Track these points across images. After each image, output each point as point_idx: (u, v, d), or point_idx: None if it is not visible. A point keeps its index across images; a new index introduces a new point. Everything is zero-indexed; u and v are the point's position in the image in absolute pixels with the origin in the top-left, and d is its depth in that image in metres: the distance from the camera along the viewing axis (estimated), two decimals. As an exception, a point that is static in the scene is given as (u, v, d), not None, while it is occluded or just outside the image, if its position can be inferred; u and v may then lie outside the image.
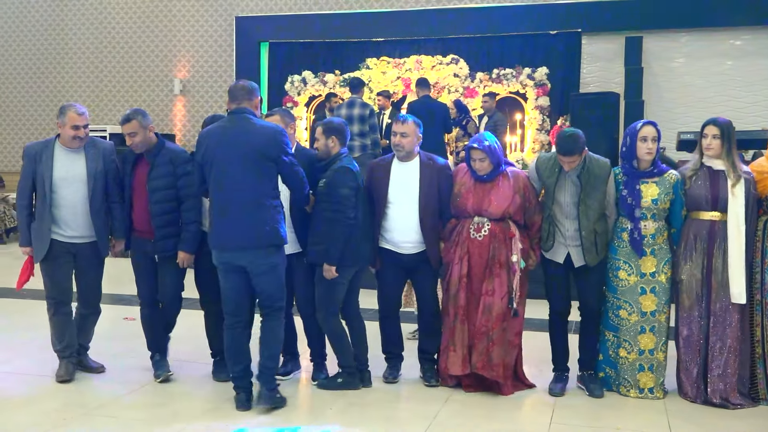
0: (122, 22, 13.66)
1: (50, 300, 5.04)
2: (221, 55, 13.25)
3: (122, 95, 13.72)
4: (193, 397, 4.80)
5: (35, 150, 4.94)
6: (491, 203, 4.74)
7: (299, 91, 12.22)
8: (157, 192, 4.85)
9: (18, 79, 14.21)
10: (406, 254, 4.92)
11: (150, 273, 5.00)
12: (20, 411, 4.49)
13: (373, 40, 12.15)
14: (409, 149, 4.90)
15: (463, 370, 4.78)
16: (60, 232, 4.92)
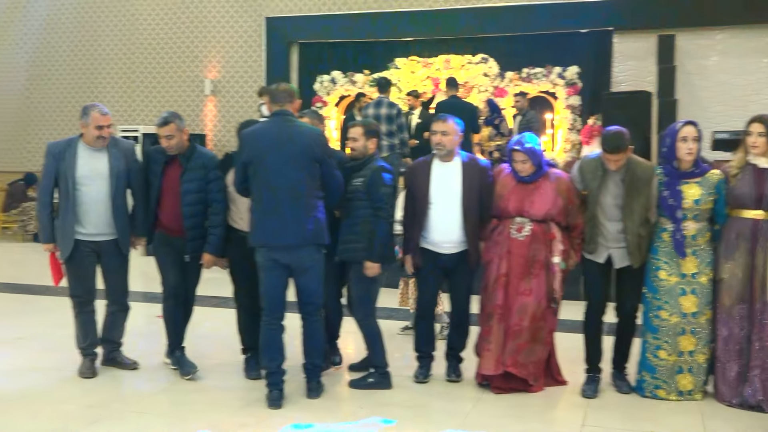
0: (153, 23, 13.80)
1: (75, 298, 5.14)
2: (251, 56, 13.32)
3: (154, 96, 13.85)
4: (224, 394, 4.83)
5: (59, 148, 5.03)
6: (533, 205, 4.76)
7: (328, 91, 12.25)
8: (190, 195, 4.99)
9: (53, 80, 14.40)
10: (445, 254, 4.94)
11: (175, 268, 5.12)
12: (56, 407, 4.55)
13: (402, 40, 12.14)
14: (450, 148, 4.92)
15: (496, 369, 4.79)
16: (82, 230, 5.01)
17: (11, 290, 8.28)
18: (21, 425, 4.24)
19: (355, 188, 4.83)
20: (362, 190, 4.81)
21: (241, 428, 4.22)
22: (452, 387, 5.00)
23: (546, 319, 4.81)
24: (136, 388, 4.97)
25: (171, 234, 5.09)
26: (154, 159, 5.12)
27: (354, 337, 5.47)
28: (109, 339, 5.31)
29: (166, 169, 5.07)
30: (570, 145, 11.07)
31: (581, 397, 4.80)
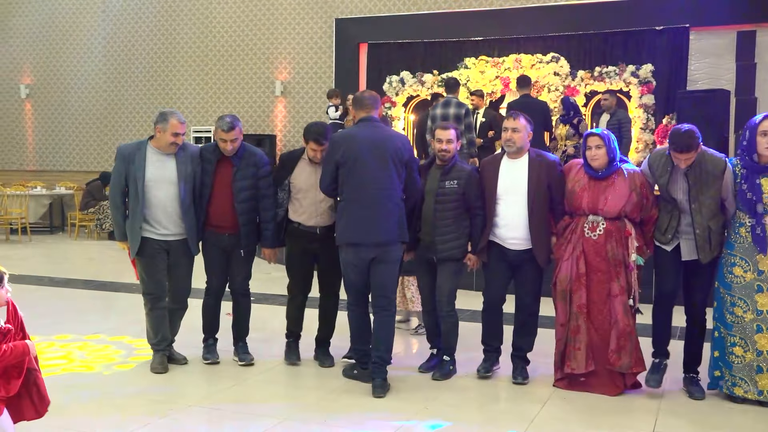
0: (226, 26, 14.09)
1: (147, 295, 5.30)
2: (321, 57, 13.47)
3: (225, 97, 14.15)
4: (284, 388, 4.91)
5: (128, 151, 5.21)
6: (607, 202, 4.74)
7: (397, 91, 12.29)
8: (243, 192, 5.22)
9: (131, 83, 14.85)
10: (512, 250, 5.00)
11: (222, 266, 5.39)
12: (127, 401, 4.69)
13: (472, 39, 12.11)
14: (520, 144, 5.00)
15: (587, 367, 4.81)
16: (152, 230, 5.18)
17: (89, 287, 8.57)
18: (95, 420, 4.39)
19: (450, 189, 5.04)
20: (459, 192, 5.03)
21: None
22: (521, 387, 4.98)
23: (633, 318, 4.83)
24: (205, 382, 5.10)
25: (220, 231, 5.29)
26: (206, 158, 5.29)
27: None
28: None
29: (217, 167, 5.27)
30: (643, 145, 10.83)
31: (651, 400, 4.71)
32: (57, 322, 6.55)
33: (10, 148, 15.83)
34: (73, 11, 15.19)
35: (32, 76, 15.57)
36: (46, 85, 15.48)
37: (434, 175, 5.14)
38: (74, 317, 6.88)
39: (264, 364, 5.45)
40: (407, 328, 6.58)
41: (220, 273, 5.41)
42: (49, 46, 15.41)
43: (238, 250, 5.33)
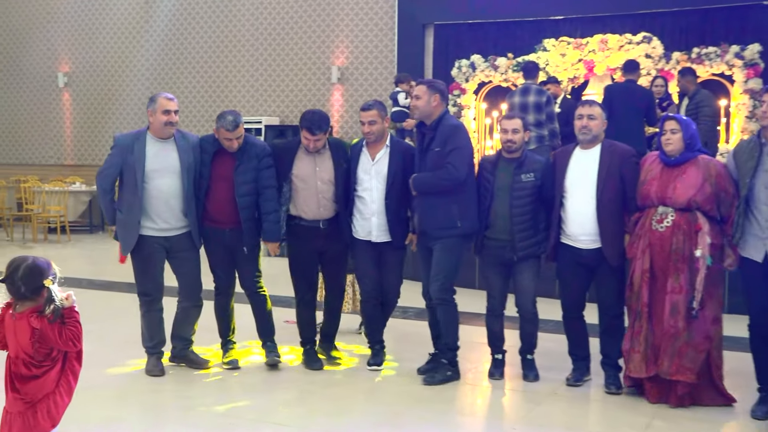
0: (279, 8, 14.08)
1: (142, 297, 5.45)
2: (382, 40, 13.36)
3: (278, 84, 14.15)
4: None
5: (127, 141, 5.31)
6: (675, 190, 4.74)
7: (467, 77, 12.07)
8: (245, 185, 5.36)
9: (176, 70, 14.96)
10: (585, 249, 5.06)
11: (228, 263, 5.53)
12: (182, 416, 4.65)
13: (551, 19, 11.81)
14: (597, 132, 5.09)
15: (648, 372, 4.81)
16: (151, 225, 5.29)
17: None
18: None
19: (526, 183, 5.17)
20: (537, 185, 5.18)
21: None
22: (622, 399, 4.98)
23: (700, 320, 4.72)
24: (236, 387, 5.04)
25: (220, 226, 5.41)
26: (206, 150, 5.42)
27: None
28: (181, 336, 5.57)
29: (215, 159, 5.39)
30: (748, 135, 10.42)
31: (752, 419, 4.59)
32: (102, 328, 6.56)
33: (48, 141, 16.13)
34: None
35: (70, 64, 15.83)
36: (85, 73, 15.71)
37: (506, 170, 5.23)
38: (123, 323, 6.89)
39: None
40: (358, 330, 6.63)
41: (227, 270, 5.56)
42: (88, 31, 15.64)
43: (241, 246, 5.45)
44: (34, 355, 3.21)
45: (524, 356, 5.44)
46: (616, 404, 4.94)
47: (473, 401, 5.26)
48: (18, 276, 3.16)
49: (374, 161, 5.46)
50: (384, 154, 5.47)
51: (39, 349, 3.21)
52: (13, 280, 3.16)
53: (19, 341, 3.22)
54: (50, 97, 16.04)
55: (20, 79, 16.23)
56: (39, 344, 3.20)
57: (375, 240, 5.47)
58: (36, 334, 3.18)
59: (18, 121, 16.32)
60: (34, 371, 3.23)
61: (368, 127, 5.40)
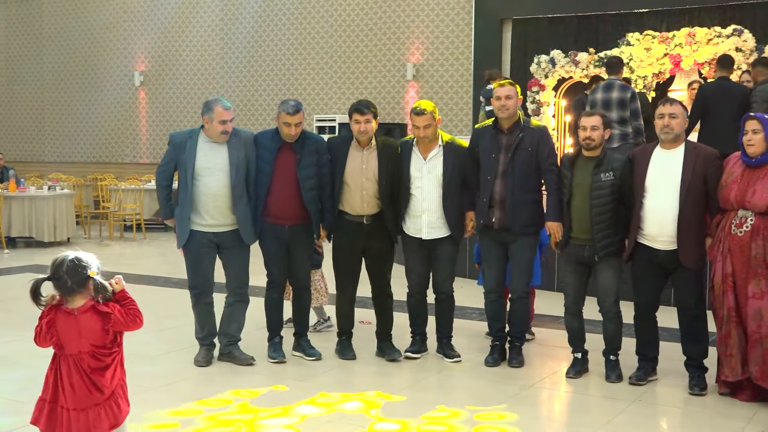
0: (353, 4, 14.18)
1: (192, 290, 5.65)
2: (458, 36, 13.33)
3: (352, 82, 14.25)
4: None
5: (180, 139, 5.54)
6: (755, 193, 4.71)
7: (546, 73, 11.93)
8: (309, 180, 5.55)
9: (251, 68, 15.22)
10: (662, 250, 5.05)
11: (282, 258, 5.70)
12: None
13: (635, 12, 11.66)
14: (678, 131, 5.08)
15: (743, 374, 4.81)
16: (200, 222, 5.49)
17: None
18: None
19: (607, 182, 5.20)
20: (617, 183, 5.19)
21: None
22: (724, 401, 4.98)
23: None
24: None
25: (280, 223, 5.57)
26: (266, 146, 5.57)
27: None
28: (226, 332, 5.71)
29: (278, 155, 5.54)
30: None
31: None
32: (177, 325, 6.70)
33: (124, 139, 16.58)
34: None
35: (147, 63, 16.25)
36: (161, 72, 16.11)
37: (585, 168, 5.28)
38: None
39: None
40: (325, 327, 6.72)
41: (282, 266, 5.72)
42: (164, 29, 16.03)
43: (300, 241, 5.66)
44: (105, 343, 3.38)
45: (608, 357, 5.46)
46: (707, 409, 4.87)
47: (554, 406, 5.20)
48: (63, 271, 3.32)
49: (426, 160, 5.65)
50: (437, 153, 5.65)
51: (109, 336, 3.39)
52: (59, 276, 3.32)
53: (88, 335, 3.36)
54: (126, 95, 16.49)
55: (97, 78, 16.74)
56: (111, 330, 3.39)
57: (426, 237, 5.66)
58: (110, 320, 3.37)
59: (95, 119, 16.84)
60: (105, 360, 3.39)
61: (423, 131, 5.56)
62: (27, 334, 3.33)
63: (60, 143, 17.30)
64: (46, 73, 17.25)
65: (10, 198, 11.91)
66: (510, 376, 5.54)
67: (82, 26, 16.82)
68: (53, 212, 12.17)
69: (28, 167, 16.74)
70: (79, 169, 16.50)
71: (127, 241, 13.33)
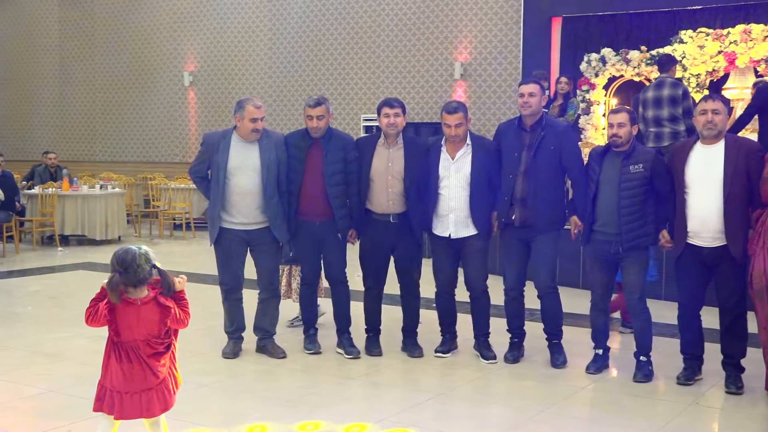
0: (402, 4, 14.22)
1: (222, 286, 5.92)
2: (506, 34, 13.29)
3: (399, 81, 14.28)
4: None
5: (214, 139, 5.77)
6: None
7: (597, 71, 11.82)
8: (335, 175, 5.72)
9: (297, 68, 15.35)
10: (705, 247, 5.09)
11: (314, 254, 5.91)
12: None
13: (688, 9, 11.51)
14: (721, 128, 5.10)
15: None
16: (231, 219, 5.70)
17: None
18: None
19: (636, 174, 5.24)
20: (646, 176, 5.24)
21: None
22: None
23: None
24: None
25: (311, 219, 5.78)
26: (296, 145, 5.78)
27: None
28: (260, 327, 5.95)
29: (308, 153, 5.74)
30: None
31: None
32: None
33: (173, 138, 16.85)
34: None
35: (196, 63, 16.48)
36: (210, 72, 16.33)
37: (614, 162, 5.32)
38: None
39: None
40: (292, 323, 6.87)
41: (314, 262, 5.94)
42: (213, 29, 16.24)
43: (330, 237, 5.83)
44: (159, 334, 3.58)
45: (638, 358, 5.48)
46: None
47: (602, 408, 5.18)
48: (137, 263, 3.51)
49: (454, 159, 5.71)
50: (465, 152, 5.72)
51: (163, 327, 3.60)
52: (133, 269, 3.50)
53: (146, 324, 3.57)
54: (176, 95, 16.75)
55: (147, 78, 17.03)
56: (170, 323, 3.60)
57: (454, 236, 5.72)
58: (169, 314, 3.58)
59: (145, 119, 17.13)
60: (158, 348, 3.61)
61: (455, 130, 5.64)
62: (81, 330, 3.44)
63: (111, 143, 17.64)
64: (97, 74, 17.60)
65: (64, 197, 12.21)
66: (553, 375, 5.57)
67: (133, 27, 17.12)
68: (105, 211, 12.45)
69: (80, 167, 17.10)
70: (130, 169, 16.82)
71: (176, 239, 13.55)
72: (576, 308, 6.25)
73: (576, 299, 5.77)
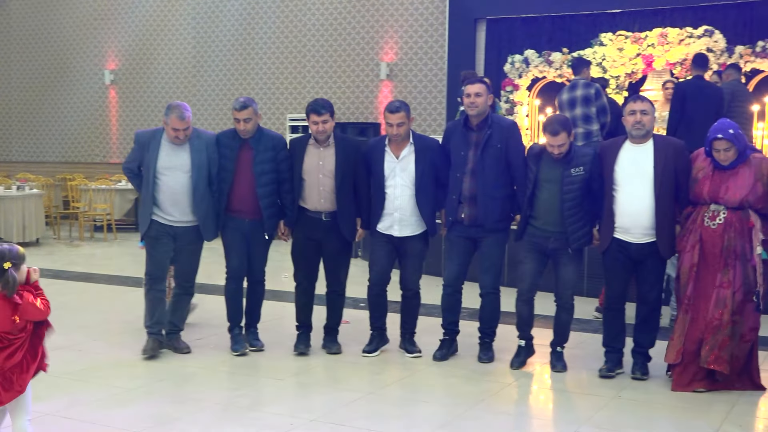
0: (328, 4, 14.18)
1: (147, 276, 5.96)
2: (432, 35, 13.38)
3: (325, 81, 14.24)
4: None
5: (145, 138, 5.86)
6: (728, 191, 4.95)
7: (520, 72, 12.05)
8: (264, 176, 5.79)
9: (222, 67, 15.15)
10: (634, 243, 5.26)
11: (242, 250, 5.93)
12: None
13: (608, 12, 11.75)
14: (650, 128, 5.26)
15: (676, 359, 5.09)
16: (161, 214, 5.79)
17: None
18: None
19: (575, 177, 5.35)
20: (586, 177, 5.36)
21: None
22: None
23: (743, 314, 4.99)
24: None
25: (239, 216, 5.85)
26: (227, 144, 5.85)
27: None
28: (170, 321, 6.00)
29: (239, 153, 5.81)
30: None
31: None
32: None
33: (94, 138, 16.45)
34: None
35: (117, 61, 16.14)
36: (132, 70, 16.00)
37: (551, 162, 5.43)
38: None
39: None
40: None
41: (240, 257, 5.94)
42: (135, 27, 15.92)
43: (258, 236, 5.90)
44: (12, 330, 3.66)
45: (554, 348, 5.68)
46: (684, 406, 4.94)
47: (532, 403, 5.26)
48: None
49: (399, 159, 5.77)
50: (409, 152, 5.79)
51: (17, 324, 3.67)
52: None
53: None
54: (97, 94, 16.37)
55: (67, 76, 16.60)
56: (20, 318, 3.68)
57: (397, 234, 5.79)
58: (18, 310, 3.65)
59: (64, 118, 16.70)
60: (6, 344, 3.68)
61: (396, 129, 5.69)
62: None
63: (28, 143, 17.14)
64: (13, 72, 17.09)
65: (-22, 198, 11.80)
66: (482, 372, 5.61)
67: (51, 24, 16.67)
68: (22, 212, 12.09)
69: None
70: (48, 169, 16.36)
71: (97, 241, 13.25)
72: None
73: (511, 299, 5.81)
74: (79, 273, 9.80)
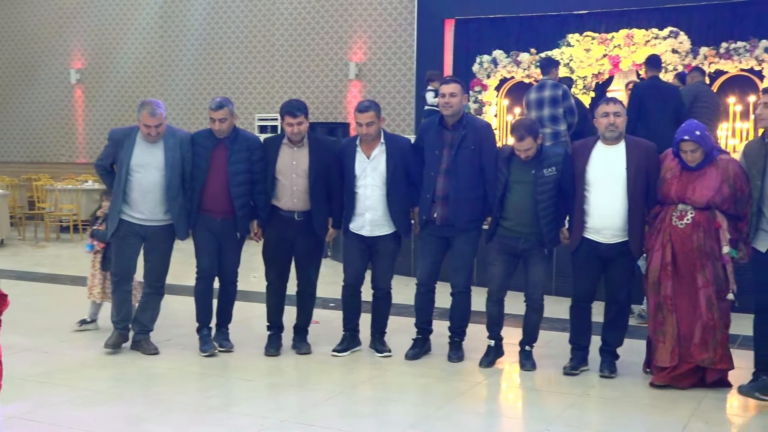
0: (297, 3, 14.14)
1: (113, 276, 5.99)
2: (401, 35, 13.40)
3: (294, 81, 14.20)
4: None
5: (119, 136, 5.87)
6: (695, 191, 5.03)
7: (489, 73, 12.11)
8: (238, 176, 5.79)
9: (189, 66, 15.04)
10: (604, 243, 5.32)
11: (212, 249, 5.92)
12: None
13: (575, 13, 11.85)
14: (622, 129, 5.31)
15: (672, 361, 5.09)
16: (131, 213, 5.78)
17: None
18: None
19: (548, 178, 5.38)
20: (558, 177, 5.38)
21: None
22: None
23: (719, 312, 5.06)
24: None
25: (211, 215, 5.85)
26: (201, 144, 5.86)
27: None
28: (139, 321, 5.99)
29: (213, 152, 5.81)
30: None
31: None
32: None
33: (60, 138, 16.26)
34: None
35: (83, 60, 15.96)
36: (98, 70, 15.83)
37: (521, 164, 5.45)
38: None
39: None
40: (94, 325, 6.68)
41: (210, 256, 5.93)
42: (101, 26, 15.75)
43: (229, 236, 5.90)
44: None
45: (523, 347, 5.71)
46: (652, 404, 5.00)
47: (503, 401, 5.29)
48: None
49: (370, 159, 5.78)
50: (380, 151, 5.79)
51: None
52: None
53: None
54: (62, 93, 16.18)
55: (32, 75, 16.40)
56: None
57: (368, 234, 5.80)
58: None
59: (29, 118, 16.49)
60: None
61: (366, 129, 5.69)
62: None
63: (-8, 142, 16.91)
64: (-23, 70, 16.85)
65: (-59, 198, 11.61)
66: (452, 371, 5.63)
67: (15, 22, 16.46)
68: (-14, 213, 11.90)
69: (-43, 167, 16.34)
70: (13, 169, 16.13)
71: (63, 242, 13.10)
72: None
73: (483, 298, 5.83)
74: (44, 274, 9.69)
